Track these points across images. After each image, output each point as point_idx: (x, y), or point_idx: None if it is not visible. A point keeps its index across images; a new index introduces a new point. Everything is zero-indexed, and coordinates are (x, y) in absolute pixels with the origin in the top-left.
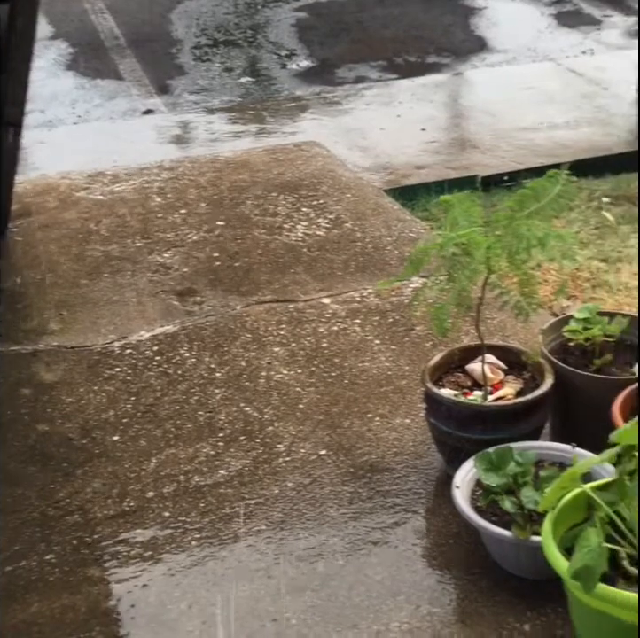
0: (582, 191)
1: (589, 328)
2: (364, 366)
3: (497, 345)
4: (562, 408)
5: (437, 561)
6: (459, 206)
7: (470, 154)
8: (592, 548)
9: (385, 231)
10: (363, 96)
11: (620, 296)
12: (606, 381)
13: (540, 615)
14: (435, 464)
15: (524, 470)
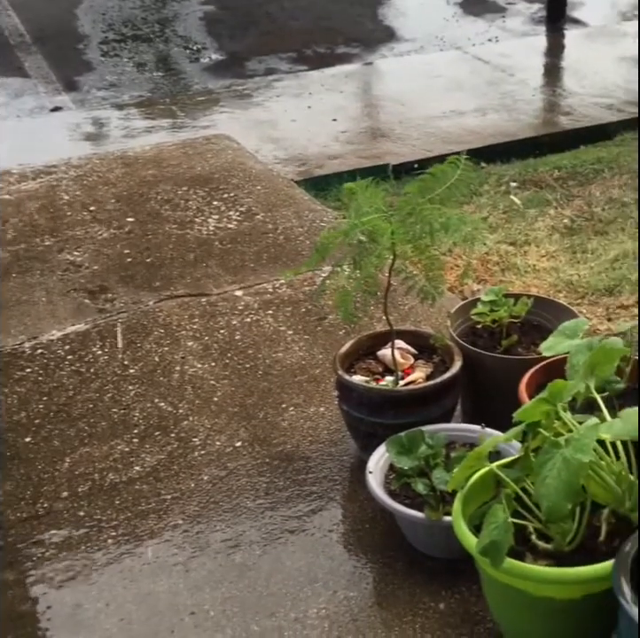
0: (491, 177)
1: (495, 310)
2: (278, 357)
3: (407, 330)
4: (472, 390)
5: (353, 546)
6: (363, 194)
7: (381, 143)
8: (499, 523)
9: (296, 222)
10: (274, 88)
11: (527, 278)
12: (513, 361)
13: (454, 593)
14: (350, 451)
15: (435, 453)
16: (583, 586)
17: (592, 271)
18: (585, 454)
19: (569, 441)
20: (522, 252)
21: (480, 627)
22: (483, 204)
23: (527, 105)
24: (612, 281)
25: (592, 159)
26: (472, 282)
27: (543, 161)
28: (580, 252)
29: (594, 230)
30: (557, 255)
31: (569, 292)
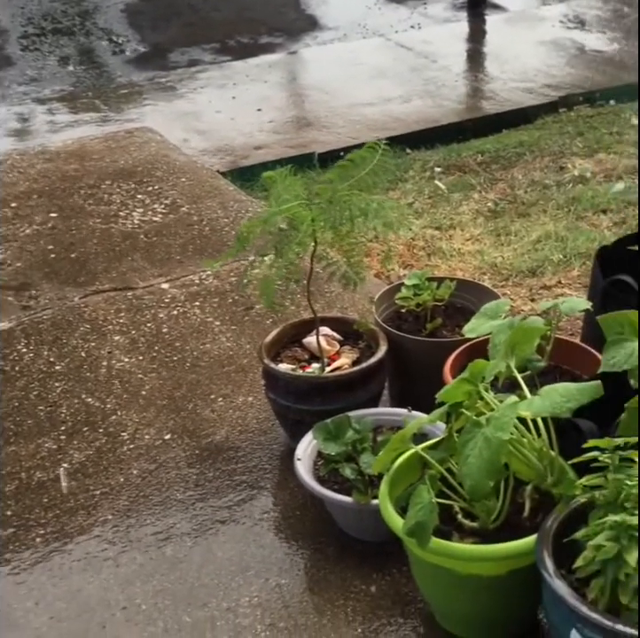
0: (416, 162)
1: (419, 294)
2: (206, 348)
3: (332, 316)
4: (399, 374)
5: (284, 533)
6: (282, 182)
7: (307, 132)
8: (424, 504)
9: (221, 213)
10: (198, 79)
11: (453, 261)
12: (437, 344)
13: (385, 575)
14: (280, 439)
15: (362, 437)
16: (508, 561)
17: (515, 253)
18: (505, 432)
19: (490, 420)
20: (447, 237)
21: (411, 608)
22: (408, 189)
23: (451, 91)
24: (534, 262)
25: (514, 143)
26: (399, 267)
27: (467, 146)
28: (503, 234)
29: (517, 213)
30: (481, 238)
31: (493, 274)
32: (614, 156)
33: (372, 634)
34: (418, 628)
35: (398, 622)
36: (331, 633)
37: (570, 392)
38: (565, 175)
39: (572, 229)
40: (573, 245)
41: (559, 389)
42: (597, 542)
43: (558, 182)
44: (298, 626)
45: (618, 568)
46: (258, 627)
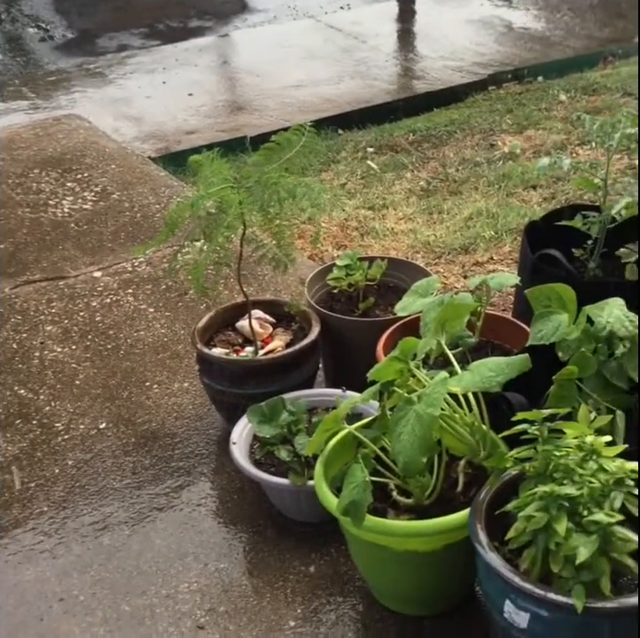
0: (348, 143)
1: (350, 274)
2: (140, 335)
3: (265, 299)
4: (333, 355)
5: (223, 518)
6: (209, 166)
7: (238, 116)
8: (357, 483)
9: (153, 199)
10: (127, 64)
11: (386, 241)
12: (370, 323)
13: (324, 555)
14: (216, 424)
15: (297, 419)
16: (443, 536)
17: (448, 231)
18: (435, 408)
19: (421, 397)
20: (380, 216)
21: (350, 586)
22: (341, 170)
23: (381, 71)
24: (466, 239)
25: (445, 122)
26: (332, 248)
27: (399, 126)
28: (436, 212)
29: (449, 191)
30: (414, 217)
31: (427, 253)
32: (543, 132)
33: (312, 614)
34: (357, 606)
35: (337, 601)
36: (270, 614)
37: (499, 367)
38: (495, 153)
39: (502, 205)
40: (504, 221)
41: (489, 364)
42: (527, 513)
43: (488, 159)
44: (238, 609)
45: (548, 537)
46: (198, 613)
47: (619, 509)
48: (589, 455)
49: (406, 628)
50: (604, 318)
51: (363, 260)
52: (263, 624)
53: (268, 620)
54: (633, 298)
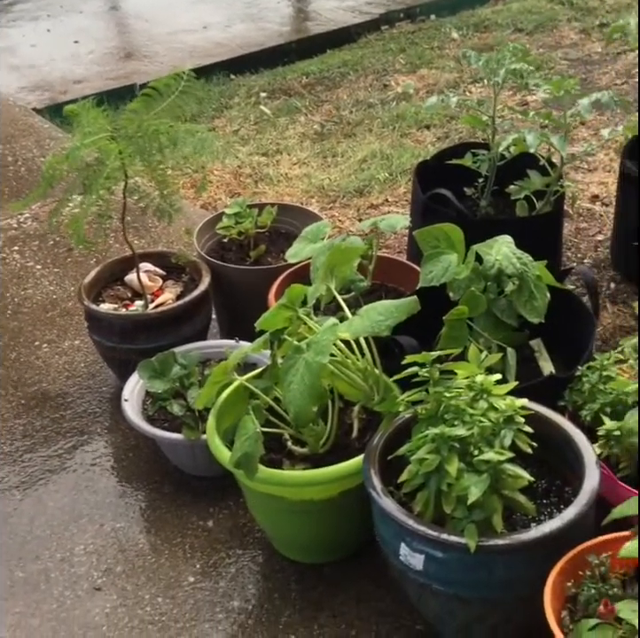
0: (241, 88)
1: (240, 222)
2: (27, 294)
3: (153, 251)
4: (227, 305)
5: (118, 477)
6: (86, 115)
7: (127, 63)
8: (249, 435)
9: (37, 152)
10: (9, 12)
11: (281, 187)
12: (261, 271)
13: (222, 509)
14: (109, 381)
15: (189, 372)
16: (339, 483)
17: (342, 174)
18: (324, 355)
19: (310, 345)
20: (274, 162)
21: (249, 538)
22: (234, 116)
23: (273, 13)
24: (361, 182)
25: (338, 63)
26: (226, 196)
27: (292, 69)
28: (330, 156)
29: (343, 133)
30: (308, 161)
31: (321, 197)
32: (436, 71)
33: (211, 568)
34: (257, 558)
35: (237, 554)
36: (169, 571)
37: (388, 310)
38: (388, 93)
39: (397, 146)
40: (398, 162)
41: (378, 308)
42: (418, 456)
43: (382, 100)
44: (135, 568)
45: (440, 479)
46: (94, 574)
47: (509, 447)
48: (480, 394)
49: (306, 577)
50: (493, 256)
51: (253, 208)
52: (162, 582)
53: (166, 578)
54: (524, 234)
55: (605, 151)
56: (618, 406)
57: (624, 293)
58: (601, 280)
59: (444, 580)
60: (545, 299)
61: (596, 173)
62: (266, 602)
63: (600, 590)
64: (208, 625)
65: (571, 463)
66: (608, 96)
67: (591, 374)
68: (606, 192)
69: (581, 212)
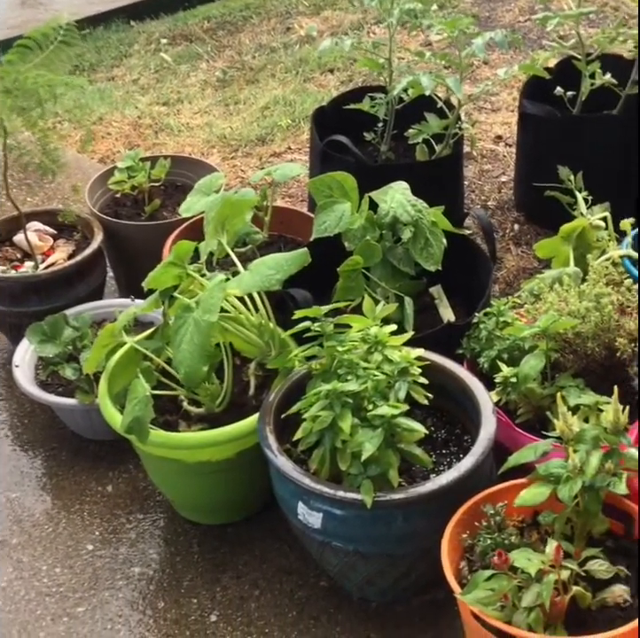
0: (141, 35)
1: (133, 176)
2: None
3: (43, 210)
4: (123, 263)
5: (13, 445)
6: None
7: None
8: (139, 399)
9: None
10: None
11: (182, 137)
12: (156, 227)
13: (122, 473)
14: (2, 346)
15: (81, 334)
16: (235, 443)
17: (244, 122)
18: (212, 314)
19: (199, 303)
20: (175, 112)
21: (150, 502)
22: (134, 65)
23: None
24: (263, 130)
25: (240, 6)
26: (125, 148)
27: (193, 13)
28: (232, 104)
29: (245, 80)
30: (210, 110)
31: (223, 147)
32: (340, 12)
33: (111, 535)
34: (158, 522)
35: (137, 518)
36: (67, 540)
37: (279, 264)
38: (292, 37)
39: (300, 91)
40: (301, 108)
41: (268, 262)
42: (312, 413)
43: (285, 44)
44: (32, 539)
45: (334, 436)
46: None
47: (406, 399)
48: (374, 346)
49: (209, 538)
50: (387, 204)
51: (146, 161)
52: (59, 551)
53: (64, 547)
54: (424, 179)
55: (509, 91)
56: (515, 352)
57: (527, 234)
58: (505, 222)
59: (343, 537)
60: (441, 246)
61: (499, 113)
62: (167, 567)
63: (496, 540)
64: (108, 593)
65: (469, 412)
66: (502, 34)
67: (488, 320)
68: (510, 133)
69: (484, 153)
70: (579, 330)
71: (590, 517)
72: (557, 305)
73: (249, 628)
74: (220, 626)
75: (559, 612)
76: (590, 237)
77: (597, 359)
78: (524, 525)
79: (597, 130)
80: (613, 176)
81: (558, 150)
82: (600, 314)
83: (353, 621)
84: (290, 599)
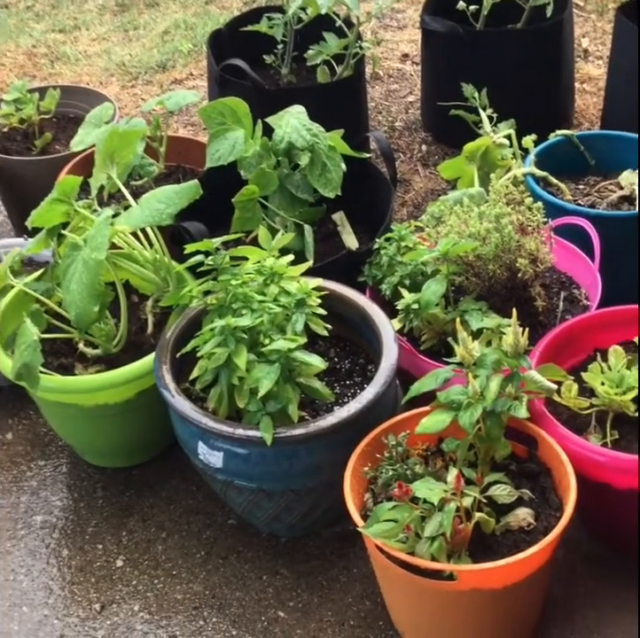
0: None
1: (21, 109)
2: None
3: None
4: (16, 201)
5: None
6: None
7: None
8: (28, 343)
9: None
10: None
11: (79, 66)
12: (48, 161)
13: (22, 419)
14: None
15: None
16: (134, 384)
17: (144, 48)
18: (100, 251)
19: (87, 241)
20: (72, 39)
21: (52, 447)
22: None
23: None
24: (164, 56)
25: None
26: (19, 79)
27: None
28: (132, 29)
29: (145, 3)
30: (108, 37)
31: (122, 75)
32: None
33: (11, 484)
34: (61, 467)
35: (39, 465)
36: None
37: (169, 197)
38: None
39: (201, 14)
40: (203, 32)
41: (158, 195)
42: (206, 350)
43: None
44: None
45: (230, 373)
46: None
47: (307, 331)
48: (270, 278)
49: (113, 482)
50: (282, 130)
51: (34, 92)
52: None
53: None
54: (326, 101)
55: (416, 7)
56: (418, 277)
57: (435, 155)
58: (412, 143)
59: (246, 476)
60: (340, 172)
61: (406, 30)
62: (71, 514)
63: (398, 471)
64: (10, 543)
65: (371, 341)
66: None
67: (389, 246)
68: (417, 51)
69: (391, 73)
70: (479, 253)
71: (493, 443)
72: (457, 227)
73: (156, 571)
74: (126, 570)
75: (463, 540)
76: (495, 155)
77: (499, 281)
78: (428, 453)
79: (500, 45)
80: (519, 92)
81: (462, 66)
82: (500, 235)
83: (262, 558)
84: (198, 539)
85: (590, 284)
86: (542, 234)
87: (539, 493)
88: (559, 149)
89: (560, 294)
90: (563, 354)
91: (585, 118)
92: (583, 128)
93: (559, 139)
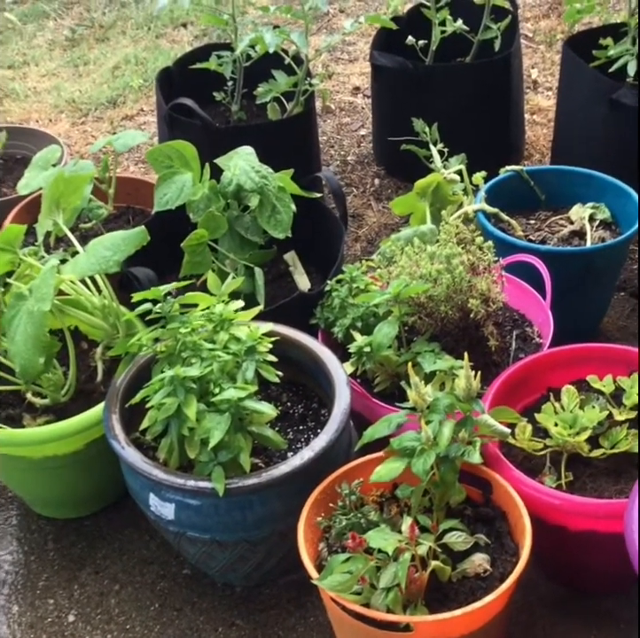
0: None
1: None
2: None
3: None
4: None
5: None
6: None
7: None
8: None
9: None
10: None
11: (28, 103)
12: None
13: None
14: None
15: None
16: (82, 435)
17: (94, 84)
18: (45, 302)
19: (32, 291)
20: (21, 75)
21: (1, 499)
22: None
23: None
24: (114, 91)
25: None
26: None
27: None
28: (81, 64)
29: (95, 38)
30: (58, 72)
31: (72, 111)
32: None
33: None
34: (10, 519)
35: None
36: None
37: (115, 244)
38: None
39: (152, 49)
40: (153, 66)
41: (105, 242)
42: (156, 401)
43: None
44: None
45: (180, 423)
46: None
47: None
48: (220, 325)
49: (65, 534)
50: (231, 172)
51: None
52: None
53: None
54: (276, 138)
55: (366, 40)
56: (370, 319)
57: (388, 189)
58: (365, 177)
59: (198, 527)
60: (290, 212)
61: (357, 63)
62: (21, 568)
63: (352, 520)
64: None
65: (324, 386)
66: None
67: (341, 288)
68: (368, 84)
69: (342, 106)
70: (431, 294)
71: (447, 488)
72: (408, 268)
73: (109, 626)
74: (79, 625)
75: (419, 589)
76: (446, 191)
77: (451, 321)
78: (383, 499)
79: (450, 79)
80: (470, 125)
81: (412, 101)
82: (451, 275)
83: (218, 609)
84: (152, 591)
85: (542, 322)
86: (493, 273)
87: (495, 537)
88: (510, 184)
89: (513, 333)
90: (516, 394)
91: (536, 149)
92: (534, 160)
93: (509, 174)
